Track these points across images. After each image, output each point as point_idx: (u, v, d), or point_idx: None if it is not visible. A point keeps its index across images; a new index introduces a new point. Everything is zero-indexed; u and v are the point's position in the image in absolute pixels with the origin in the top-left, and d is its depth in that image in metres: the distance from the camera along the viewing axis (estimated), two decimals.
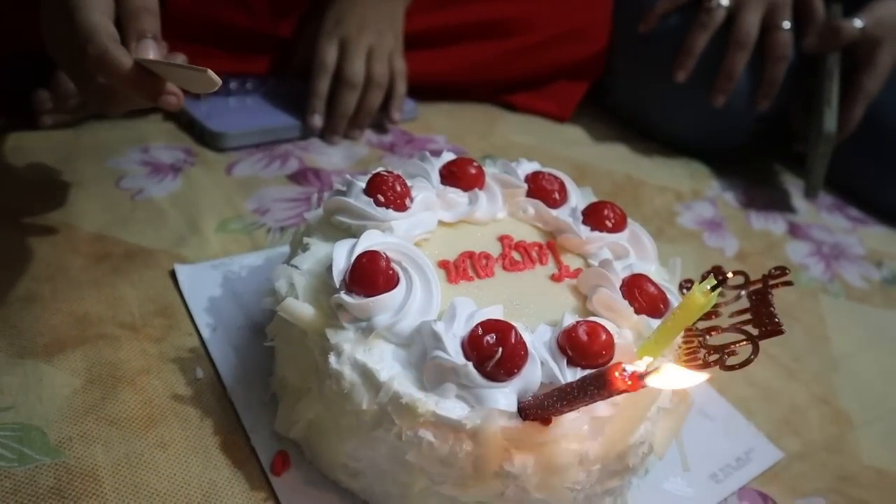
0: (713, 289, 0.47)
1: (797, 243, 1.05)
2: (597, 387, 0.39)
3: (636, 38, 1.15)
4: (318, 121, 0.96)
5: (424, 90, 1.06)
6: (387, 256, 0.50)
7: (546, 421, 0.45)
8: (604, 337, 0.48)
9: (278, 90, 1.01)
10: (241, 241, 0.75)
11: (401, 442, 0.46)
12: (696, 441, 0.62)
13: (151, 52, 0.54)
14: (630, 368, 0.38)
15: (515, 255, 0.59)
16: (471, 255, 0.58)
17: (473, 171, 0.63)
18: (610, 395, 0.40)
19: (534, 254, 0.60)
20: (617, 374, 0.38)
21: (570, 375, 0.47)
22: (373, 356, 0.48)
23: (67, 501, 0.48)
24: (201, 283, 0.68)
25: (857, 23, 1.07)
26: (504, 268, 0.58)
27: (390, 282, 0.50)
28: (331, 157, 0.95)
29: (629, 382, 0.38)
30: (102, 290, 0.65)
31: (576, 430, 0.46)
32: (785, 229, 1.07)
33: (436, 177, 0.63)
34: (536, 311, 0.54)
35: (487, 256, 0.58)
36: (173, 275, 0.68)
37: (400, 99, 1.02)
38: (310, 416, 0.52)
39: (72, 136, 0.86)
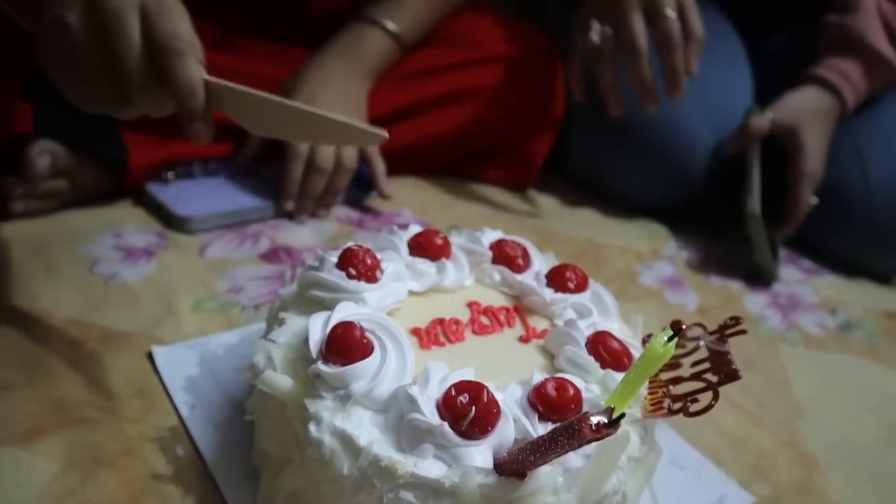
0: (670, 339, 0.49)
1: (755, 296, 1.08)
2: (567, 437, 0.41)
3: (585, 105, 1.21)
4: (291, 206, 0.99)
5: (394, 162, 1.10)
6: (361, 326, 0.52)
7: (521, 475, 0.47)
8: (571, 392, 0.51)
9: (242, 171, 1.04)
10: (217, 321, 0.77)
11: None
12: (669, 491, 0.64)
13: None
14: (596, 418, 0.41)
15: (484, 320, 0.62)
16: (441, 321, 0.60)
17: (440, 241, 0.66)
18: (580, 445, 0.42)
19: (502, 317, 0.63)
20: (584, 423, 0.40)
21: (542, 430, 0.49)
22: (351, 422, 0.49)
23: None
24: (179, 363, 0.69)
25: (768, 115, 1.15)
26: (474, 332, 0.60)
27: (365, 350, 0.52)
28: (301, 235, 0.98)
29: (594, 429, 0.40)
30: (79, 374, 0.66)
31: (551, 482, 0.47)
32: (742, 283, 1.11)
33: (404, 249, 0.66)
34: (507, 371, 0.56)
35: (457, 322, 0.61)
36: (150, 356, 0.69)
37: (383, 175, 1.07)
38: (292, 486, 0.53)
39: (42, 224, 0.87)
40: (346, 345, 0.51)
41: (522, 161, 1.26)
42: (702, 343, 0.61)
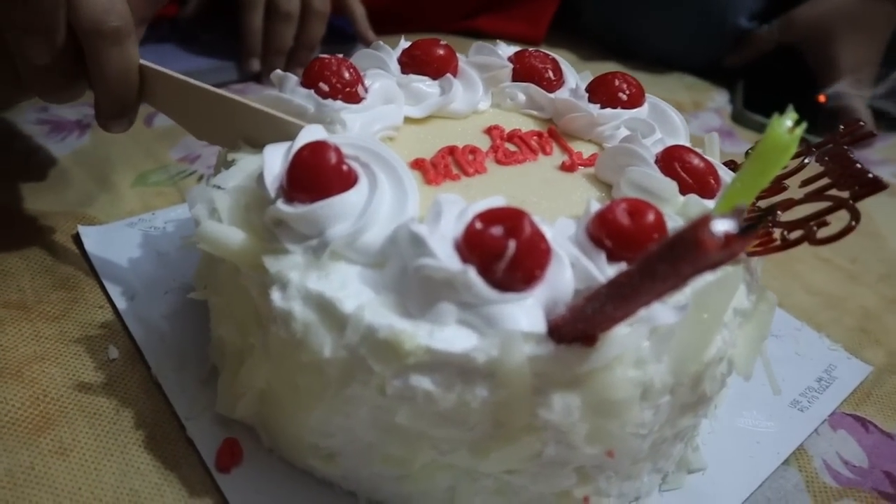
0: (797, 124, 0.33)
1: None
2: (673, 260, 0.25)
3: None
4: (256, 65, 0.81)
5: (379, 21, 0.91)
6: (337, 148, 0.36)
7: (590, 340, 0.31)
8: (651, 216, 0.34)
9: (196, 33, 0.86)
10: (167, 194, 0.61)
11: (386, 398, 0.32)
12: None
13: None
14: (722, 224, 0.24)
15: (510, 147, 0.45)
16: (452, 150, 0.44)
17: (442, 52, 0.49)
18: (696, 271, 0.25)
19: (533, 143, 0.46)
20: (705, 232, 0.24)
21: (613, 273, 0.33)
22: (331, 282, 0.33)
23: None
24: (114, 245, 0.53)
25: (773, 31, 1.01)
26: (498, 161, 0.44)
27: (346, 180, 0.35)
28: None
29: (724, 242, 0.24)
30: None
31: (632, 347, 0.32)
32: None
33: (394, 65, 0.49)
34: (550, 206, 0.40)
35: (474, 150, 0.44)
36: (78, 240, 0.53)
37: (363, 19, 0.90)
38: (258, 383, 0.37)
39: None
40: (317, 172, 0.35)
41: (531, 13, 1.08)
42: (808, 159, 0.44)
